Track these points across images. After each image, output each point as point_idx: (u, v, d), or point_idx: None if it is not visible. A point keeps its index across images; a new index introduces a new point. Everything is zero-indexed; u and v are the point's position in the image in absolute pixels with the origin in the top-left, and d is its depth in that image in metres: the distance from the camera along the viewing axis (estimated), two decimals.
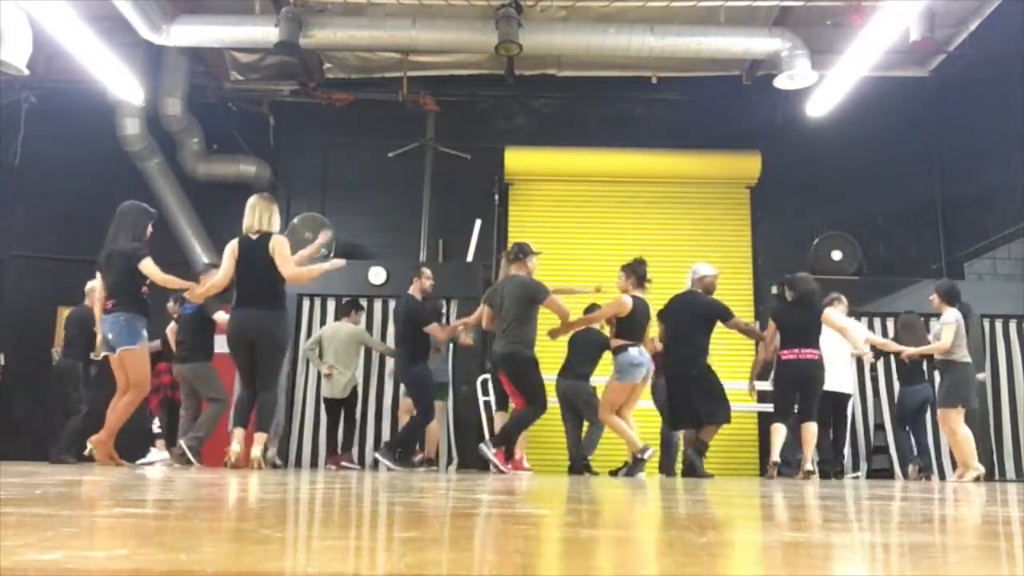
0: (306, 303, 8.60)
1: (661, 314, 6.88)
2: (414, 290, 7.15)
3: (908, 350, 7.05)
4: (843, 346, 7.07)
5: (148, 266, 5.85)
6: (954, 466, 7.08)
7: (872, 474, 8.00)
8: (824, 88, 8.31)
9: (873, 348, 7.36)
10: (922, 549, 1.40)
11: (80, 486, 2.87)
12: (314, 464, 8.14)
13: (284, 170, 9.89)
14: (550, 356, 7.11)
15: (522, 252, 6.56)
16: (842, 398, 7.42)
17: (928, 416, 7.54)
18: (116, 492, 2.52)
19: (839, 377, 7.20)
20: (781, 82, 8.29)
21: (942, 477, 7.87)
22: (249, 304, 5.51)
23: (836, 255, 8.99)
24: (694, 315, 6.67)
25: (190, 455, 6.10)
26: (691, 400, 6.51)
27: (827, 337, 6.78)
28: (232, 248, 5.58)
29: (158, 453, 7.47)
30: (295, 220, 9.14)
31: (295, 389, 8.40)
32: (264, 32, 7.99)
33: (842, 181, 9.35)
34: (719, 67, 9.38)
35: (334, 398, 7.68)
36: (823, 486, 4.85)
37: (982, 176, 8.79)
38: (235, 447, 5.43)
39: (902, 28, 7.33)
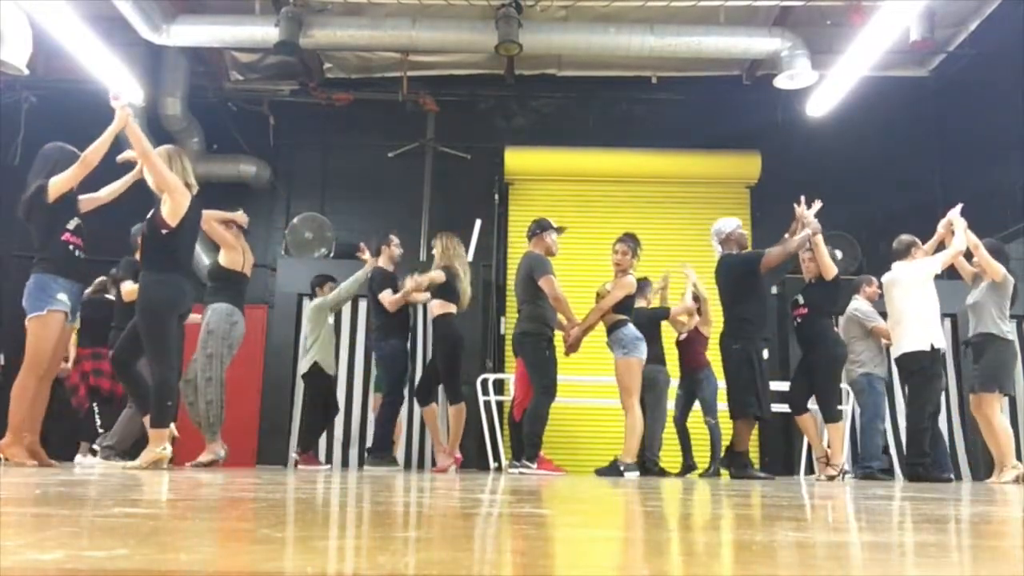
0: (306, 302, 8.58)
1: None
2: (383, 260, 6.93)
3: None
4: (913, 304, 6.18)
5: (54, 184, 4.76)
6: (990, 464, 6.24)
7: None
8: (824, 88, 8.32)
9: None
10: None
11: (80, 486, 2.87)
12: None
13: (284, 170, 9.89)
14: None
15: (539, 228, 6.22)
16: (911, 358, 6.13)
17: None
18: (116, 492, 2.52)
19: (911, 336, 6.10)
20: (781, 82, 8.29)
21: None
22: (188, 275, 4.84)
23: (836, 255, 8.97)
24: (726, 280, 6.17)
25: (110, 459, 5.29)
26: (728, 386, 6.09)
27: (905, 294, 6.09)
28: (186, 197, 4.71)
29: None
30: (295, 220, 9.15)
31: (295, 387, 8.39)
32: (264, 32, 8.00)
33: (842, 181, 9.33)
34: (719, 67, 9.40)
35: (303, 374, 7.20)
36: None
37: (982, 176, 8.78)
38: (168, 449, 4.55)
39: (902, 28, 7.34)
